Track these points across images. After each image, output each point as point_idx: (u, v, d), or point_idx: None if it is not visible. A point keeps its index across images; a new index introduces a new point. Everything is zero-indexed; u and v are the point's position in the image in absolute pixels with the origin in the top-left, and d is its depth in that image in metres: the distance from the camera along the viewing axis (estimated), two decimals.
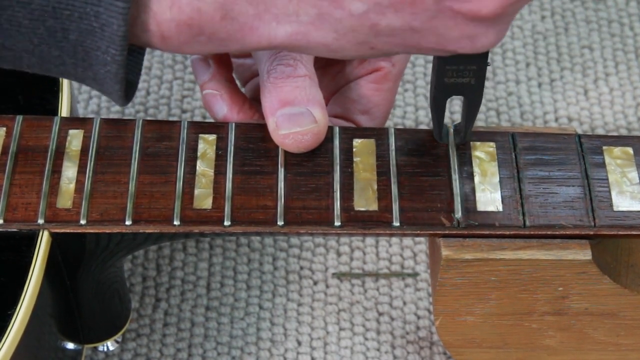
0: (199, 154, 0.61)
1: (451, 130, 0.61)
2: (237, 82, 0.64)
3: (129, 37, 0.45)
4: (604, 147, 0.61)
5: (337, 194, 0.59)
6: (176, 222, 0.59)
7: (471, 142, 0.61)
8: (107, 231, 0.59)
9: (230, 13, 0.45)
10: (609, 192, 0.60)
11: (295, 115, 0.55)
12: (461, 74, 0.56)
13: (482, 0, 0.44)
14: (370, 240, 0.78)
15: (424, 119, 0.85)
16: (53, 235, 0.59)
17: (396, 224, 0.58)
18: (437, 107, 0.59)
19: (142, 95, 0.85)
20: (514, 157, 0.61)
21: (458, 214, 0.59)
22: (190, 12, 0.44)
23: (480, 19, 0.45)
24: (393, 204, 0.59)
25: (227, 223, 0.58)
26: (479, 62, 0.55)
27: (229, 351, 0.74)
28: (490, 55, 0.88)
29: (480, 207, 0.59)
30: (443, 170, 0.60)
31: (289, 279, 0.77)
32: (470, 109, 0.59)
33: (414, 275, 0.77)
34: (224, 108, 0.60)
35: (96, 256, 0.62)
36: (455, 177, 0.60)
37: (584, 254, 0.59)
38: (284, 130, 0.56)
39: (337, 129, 0.61)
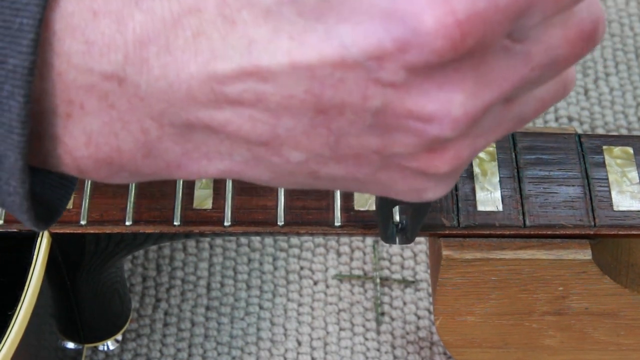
0: None
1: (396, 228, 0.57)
2: None
3: (46, 166, 0.42)
4: (604, 147, 0.61)
5: (337, 194, 0.59)
6: (176, 223, 0.59)
7: None
8: (107, 231, 0.59)
9: (154, 151, 0.41)
10: (609, 191, 0.60)
11: None
12: None
13: (433, 160, 0.40)
14: (370, 241, 0.78)
15: None
16: (53, 236, 0.59)
17: (396, 223, 0.58)
18: (383, 214, 0.56)
19: None
20: (514, 156, 0.61)
21: (458, 214, 0.59)
22: (108, 150, 0.41)
23: (429, 176, 0.42)
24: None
25: (227, 223, 0.58)
26: None
27: (229, 351, 0.74)
28: None
29: (480, 207, 0.59)
30: None
31: (289, 279, 0.77)
32: (417, 216, 0.55)
33: (413, 282, 0.77)
34: None
35: (96, 256, 0.62)
36: None
37: (584, 253, 0.59)
38: None
39: None
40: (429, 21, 0.36)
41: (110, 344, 0.70)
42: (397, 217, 0.57)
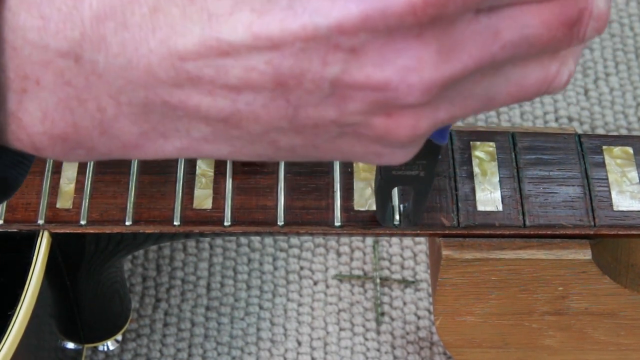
0: None
1: (397, 212, 0.58)
2: None
3: (2, 142, 0.41)
4: (604, 147, 0.61)
5: (337, 194, 0.59)
6: (176, 223, 0.59)
7: (471, 142, 0.61)
8: (107, 231, 0.59)
9: (111, 130, 0.40)
10: (609, 191, 0.60)
11: None
12: (410, 168, 0.52)
13: (389, 127, 0.40)
14: (370, 241, 0.78)
15: None
16: (53, 236, 0.59)
17: (396, 223, 0.58)
18: (383, 195, 0.56)
19: None
20: (513, 156, 0.61)
21: (458, 213, 0.59)
22: (64, 126, 0.40)
23: (386, 142, 0.41)
24: (393, 204, 0.59)
25: (227, 223, 0.58)
26: (429, 157, 0.51)
27: (229, 351, 0.74)
28: None
29: (480, 206, 0.59)
30: (443, 170, 0.60)
31: (289, 279, 0.77)
32: (419, 197, 0.56)
33: (413, 282, 0.77)
34: None
35: (96, 256, 0.62)
36: (455, 176, 0.60)
37: (584, 253, 0.59)
38: None
39: None
40: None
41: (110, 344, 0.70)
42: (395, 201, 0.58)
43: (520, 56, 0.40)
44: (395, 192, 0.58)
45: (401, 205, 0.58)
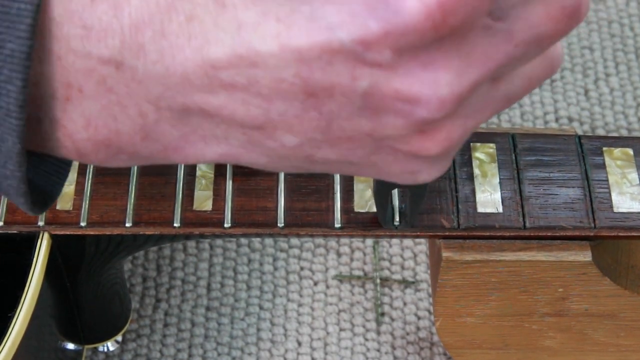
0: None
1: (398, 213, 0.58)
2: None
3: (45, 149, 0.42)
4: (604, 148, 0.61)
5: (338, 196, 0.59)
6: (176, 224, 0.59)
7: (471, 143, 0.61)
8: (107, 233, 0.59)
9: (152, 134, 0.41)
10: (609, 193, 0.60)
11: None
12: None
13: (424, 142, 0.41)
14: (370, 241, 0.78)
15: None
16: (53, 237, 0.59)
17: (397, 224, 0.58)
18: (380, 196, 0.56)
19: None
20: (514, 158, 0.61)
21: (458, 215, 0.59)
22: (107, 133, 0.41)
23: (422, 158, 0.42)
24: (393, 205, 0.59)
25: (227, 225, 0.58)
26: None
27: (229, 351, 0.74)
28: None
29: (480, 208, 0.59)
30: None
31: (289, 279, 0.77)
32: (415, 198, 0.56)
33: (413, 283, 0.77)
34: None
35: (96, 258, 0.62)
36: (455, 178, 0.60)
37: (584, 255, 0.59)
38: None
39: None
40: (410, 1, 0.36)
41: (110, 345, 0.70)
42: (395, 202, 0.58)
43: (531, 53, 0.41)
44: (395, 193, 0.58)
45: (400, 205, 0.58)
